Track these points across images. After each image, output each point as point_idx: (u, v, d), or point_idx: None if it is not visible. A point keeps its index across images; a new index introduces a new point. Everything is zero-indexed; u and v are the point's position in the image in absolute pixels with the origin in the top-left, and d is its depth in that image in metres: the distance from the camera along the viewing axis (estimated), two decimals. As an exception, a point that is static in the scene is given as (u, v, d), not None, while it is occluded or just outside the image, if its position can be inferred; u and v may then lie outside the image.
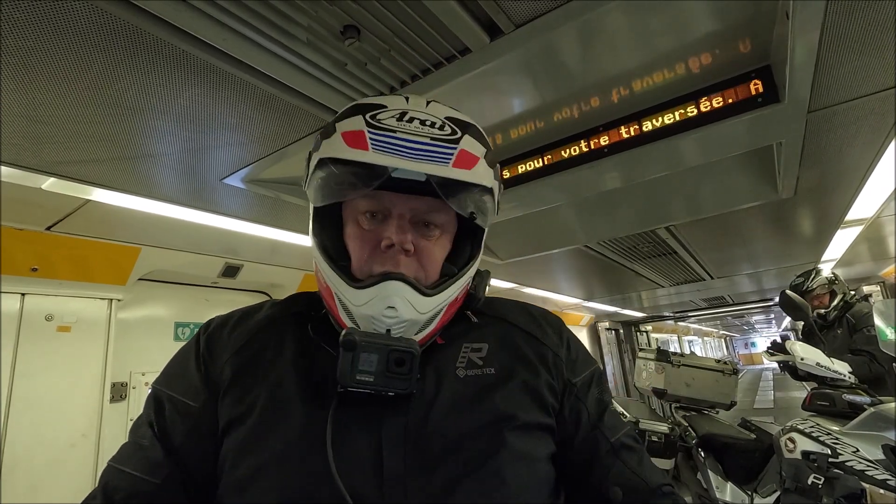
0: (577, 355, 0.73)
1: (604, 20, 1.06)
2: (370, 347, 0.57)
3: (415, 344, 0.59)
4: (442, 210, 0.63)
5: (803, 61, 1.12)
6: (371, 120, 0.59)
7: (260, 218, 2.10)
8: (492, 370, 0.65)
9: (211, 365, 0.65)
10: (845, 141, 1.66)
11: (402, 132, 0.58)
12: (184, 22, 0.93)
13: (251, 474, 0.56)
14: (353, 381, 0.57)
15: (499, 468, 0.56)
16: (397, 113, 0.60)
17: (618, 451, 0.66)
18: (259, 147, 1.49)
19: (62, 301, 2.15)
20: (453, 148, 0.59)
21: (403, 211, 0.63)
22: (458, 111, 0.67)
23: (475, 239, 0.70)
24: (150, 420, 0.63)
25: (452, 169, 0.58)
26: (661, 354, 3.36)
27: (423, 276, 0.64)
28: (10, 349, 1.97)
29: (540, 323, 0.74)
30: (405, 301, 0.59)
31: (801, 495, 2.05)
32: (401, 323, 0.60)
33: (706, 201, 2.24)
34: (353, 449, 0.56)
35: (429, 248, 0.64)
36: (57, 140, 1.34)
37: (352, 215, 0.66)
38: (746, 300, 7.42)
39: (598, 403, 0.70)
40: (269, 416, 0.58)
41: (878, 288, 5.48)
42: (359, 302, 0.60)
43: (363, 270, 0.63)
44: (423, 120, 0.60)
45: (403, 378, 0.58)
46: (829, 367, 2.23)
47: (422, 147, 0.58)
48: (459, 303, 0.69)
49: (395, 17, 0.99)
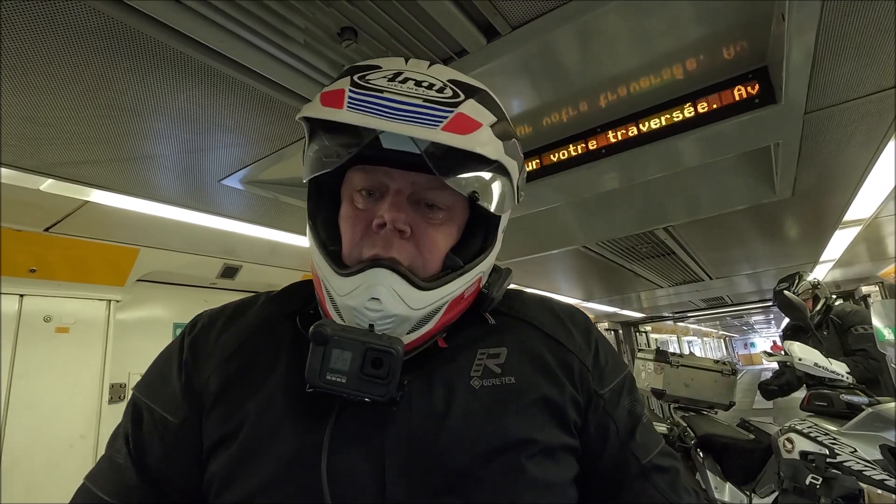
0: (607, 361, 0.63)
1: (601, 22, 1.06)
2: (343, 343, 0.50)
3: (398, 343, 0.50)
4: (447, 189, 0.54)
5: (800, 62, 1.12)
6: (359, 80, 0.52)
7: (258, 219, 2.10)
8: (511, 379, 0.56)
9: (195, 374, 0.58)
10: (843, 142, 1.67)
11: (389, 92, 0.50)
12: (181, 24, 0.93)
13: (239, 502, 0.50)
14: (323, 381, 0.49)
15: (514, 500, 0.50)
16: (391, 73, 0.53)
17: (649, 474, 0.58)
18: (257, 148, 1.49)
19: (61, 302, 2.15)
20: (449, 111, 0.49)
21: (402, 186, 0.54)
22: (471, 78, 0.58)
23: (489, 229, 0.60)
24: (126, 432, 0.57)
25: (441, 132, 0.47)
26: (659, 355, 3.36)
27: (421, 265, 0.55)
28: (9, 350, 1.97)
29: (565, 324, 0.64)
30: (392, 293, 0.51)
31: (799, 495, 2.05)
32: (386, 318, 0.51)
33: (704, 202, 2.24)
34: (352, 475, 0.50)
35: (429, 232, 0.55)
36: (55, 141, 1.34)
37: (347, 194, 0.58)
38: (745, 301, 7.42)
39: (630, 416, 0.61)
40: (260, 437, 0.52)
41: (877, 288, 5.49)
42: (343, 291, 0.52)
43: (352, 255, 0.55)
44: (420, 81, 0.52)
45: (380, 382, 0.49)
46: (826, 368, 2.24)
47: (410, 108, 0.48)
48: (467, 302, 0.60)
49: (391, 18, 0.99)
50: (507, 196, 0.57)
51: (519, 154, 0.59)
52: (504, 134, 0.55)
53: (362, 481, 0.49)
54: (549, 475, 0.53)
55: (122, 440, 0.57)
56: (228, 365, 0.57)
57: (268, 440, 0.51)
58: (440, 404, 0.53)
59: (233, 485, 0.51)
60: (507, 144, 0.54)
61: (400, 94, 0.50)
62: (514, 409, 0.54)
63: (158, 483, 0.55)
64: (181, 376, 0.58)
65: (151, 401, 0.58)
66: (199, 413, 0.56)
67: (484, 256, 0.58)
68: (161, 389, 0.58)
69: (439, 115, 0.49)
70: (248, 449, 0.52)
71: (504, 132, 0.55)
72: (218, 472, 0.52)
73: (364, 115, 0.47)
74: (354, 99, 0.49)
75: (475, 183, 0.52)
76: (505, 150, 0.54)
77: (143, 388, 0.60)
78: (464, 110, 0.50)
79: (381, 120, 0.47)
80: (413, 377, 0.55)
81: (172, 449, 0.55)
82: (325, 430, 0.51)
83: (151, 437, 0.56)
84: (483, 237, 0.60)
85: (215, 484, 0.52)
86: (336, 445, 0.50)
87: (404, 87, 0.51)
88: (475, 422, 0.53)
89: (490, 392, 0.55)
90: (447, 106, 0.50)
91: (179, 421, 0.56)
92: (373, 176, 0.55)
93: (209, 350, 0.59)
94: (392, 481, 0.49)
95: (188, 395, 0.57)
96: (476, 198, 0.53)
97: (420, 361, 0.57)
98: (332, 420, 0.51)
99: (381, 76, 0.52)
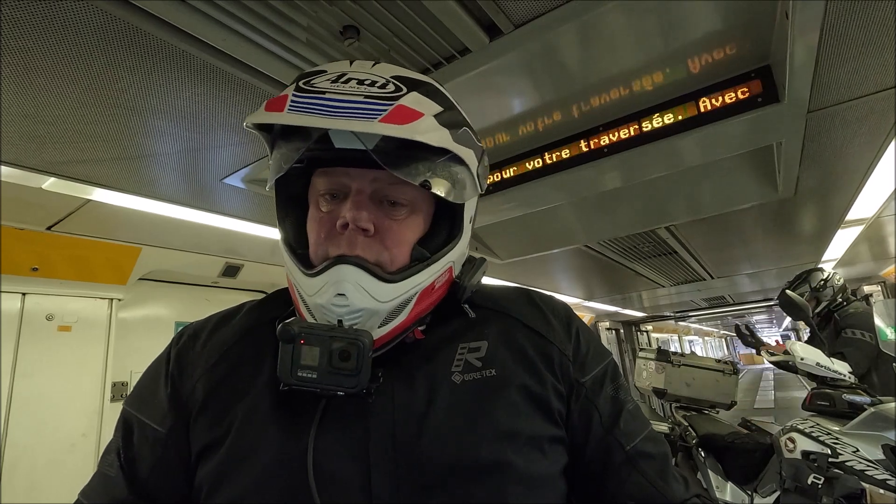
0: (587, 349, 0.63)
1: (603, 20, 1.06)
2: (310, 339, 0.51)
3: (364, 335, 0.51)
4: (407, 184, 0.55)
5: (803, 61, 1.12)
6: (303, 84, 0.53)
7: (260, 218, 2.11)
8: (492, 371, 0.56)
9: (180, 384, 0.59)
10: (845, 141, 1.66)
11: (332, 93, 0.51)
12: (184, 22, 0.93)
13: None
14: (294, 378, 0.50)
15: (502, 496, 0.50)
16: (335, 75, 0.54)
17: (634, 461, 0.58)
18: (259, 147, 1.49)
19: (63, 301, 2.15)
20: (388, 104, 0.50)
21: (362, 186, 0.56)
22: (417, 73, 0.60)
23: (455, 219, 0.61)
24: (117, 446, 0.58)
25: (378, 124, 0.48)
26: (661, 354, 3.35)
27: (388, 260, 0.55)
28: (11, 349, 1.98)
29: (544, 314, 0.64)
30: (358, 287, 0.52)
31: (800, 495, 2.05)
32: (354, 313, 0.52)
33: (706, 201, 2.24)
34: (338, 475, 0.50)
35: (393, 227, 0.56)
36: (57, 140, 1.34)
37: (313, 198, 0.59)
38: (747, 300, 7.42)
39: (612, 403, 0.61)
40: (247, 441, 0.53)
41: (879, 288, 5.47)
42: (311, 291, 0.54)
43: (318, 255, 0.56)
44: (363, 80, 0.53)
45: (350, 374, 0.50)
46: (828, 367, 2.24)
47: (349, 105, 0.49)
48: (440, 293, 0.60)
49: (394, 17, 0.99)
50: (465, 184, 0.58)
51: (474, 142, 0.60)
52: (452, 123, 0.55)
53: (348, 481, 0.50)
54: (536, 469, 0.53)
55: (114, 454, 0.58)
56: (213, 372, 0.58)
57: (254, 444, 0.52)
58: (422, 401, 0.54)
59: (221, 489, 0.52)
60: (456, 133, 0.55)
61: (341, 94, 0.51)
62: (497, 403, 0.55)
63: (148, 493, 0.56)
64: (168, 387, 0.59)
65: (140, 413, 0.59)
66: (186, 421, 0.57)
67: (451, 246, 0.59)
68: (149, 401, 0.60)
69: (378, 108, 0.49)
70: (236, 453, 0.52)
71: (452, 121, 0.56)
72: (206, 478, 0.53)
73: (302, 115, 0.48)
74: (296, 102, 0.50)
75: (425, 172, 0.53)
76: (454, 138, 0.54)
77: (133, 401, 0.62)
78: (405, 102, 0.51)
79: (318, 118, 0.48)
80: (393, 373, 0.56)
81: (161, 459, 0.56)
82: (310, 431, 0.51)
83: (141, 449, 0.57)
84: (449, 227, 0.61)
85: (204, 489, 0.53)
86: (322, 445, 0.51)
87: (346, 87, 0.52)
88: (457, 418, 0.53)
89: (471, 387, 0.55)
90: (387, 100, 0.51)
91: (167, 430, 0.57)
92: (334, 178, 0.57)
93: (194, 360, 0.60)
94: (377, 480, 0.50)
95: (175, 405, 0.58)
96: (428, 185, 0.53)
97: (399, 357, 0.57)
98: (316, 421, 0.52)
99: (324, 79, 0.54)
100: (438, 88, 0.59)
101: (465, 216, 0.62)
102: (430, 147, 0.51)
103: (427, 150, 0.52)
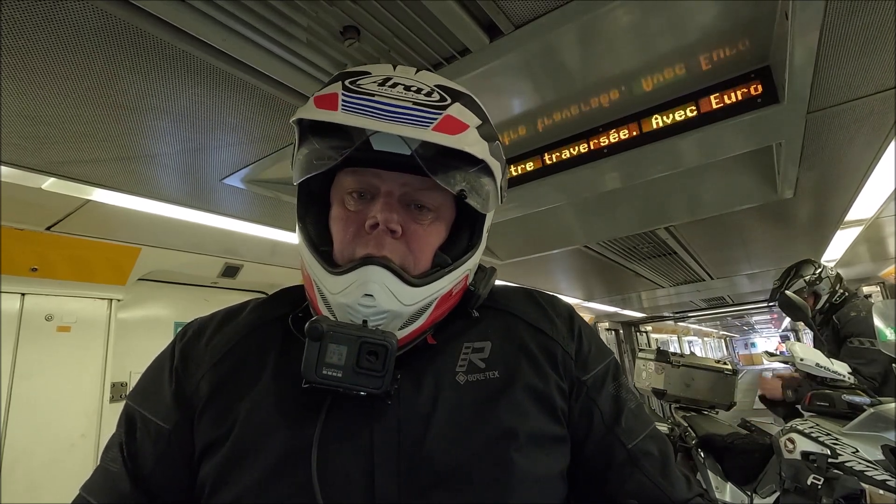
0: (590, 348, 0.64)
1: (603, 21, 1.06)
2: (339, 338, 0.51)
3: (391, 337, 0.52)
4: (436, 190, 0.56)
5: (803, 62, 1.12)
6: (350, 84, 0.54)
7: (260, 218, 2.10)
8: (496, 373, 0.57)
9: (185, 380, 0.59)
10: (845, 141, 1.66)
11: (381, 96, 0.52)
12: (184, 23, 0.93)
13: (231, 503, 0.51)
14: (319, 376, 0.50)
15: (505, 495, 0.50)
16: (380, 79, 0.55)
17: (636, 459, 0.58)
18: (259, 147, 1.49)
19: (62, 301, 2.15)
20: (438, 113, 0.52)
21: (392, 188, 0.56)
22: (456, 83, 0.61)
23: (475, 228, 0.62)
24: (120, 441, 0.58)
25: (432, 132, 0.50)
26: (660, 355, 3.36)
27: (412, 264, 0.56)
28: (10, 349, 1.97)
29: (547, 313, 0.65)
30: (385, 289, 0.52)
31: (800, 496, 2.05)
32: (379, 314, 0.53)
33: (706, 202, 2.24)
34: (342, 473, 0.50)
35: (419, 231, 0.57)
36: (57, 140, 1.34)
37: (338, 196, 0.60)
38: (746, 301, 7.41)
39: (614, 402, 0.61)
40: (251, 438, 0.53)
41: (878, 288, 5.47)
42: (336, 290, 0.54)
43: (344, 254, 0.56)
44: (409, 86, 0.55)
45: (375, 375, 0.50)
46: (828, 368, 2.23)
47: (401, 110, 0.51)
48: (455, 299, 0.62)
49: (394, 17, 0.99)
50: (491, 195, 0.59)
51: (502, 156, 0.62)
52: (489, 136, 0.57)
53: (352, 479, 0.50)
54: (537, 468, 0.53)
55: (117, 449, 0.58)
56: (218, 369, 0.58)
57: (259, 440, 0.52)
58: (427, 401, 0.54)
59: (225, 486, 0.52)
60: (491, 146, 0.57)
61: (390, 98, 0.52)
62: (500, 403, 0.55)
63: (151, 489, 0.56)
64: (172, 383, 0.59)
65: (144, 408, 0.59)
66: (190, 417, 0.57)
67: (471, 254, 0.61)
68: (153, 397, 0.59)
69: (429, 116, 0.51)
70: (240, 450, 0.52)
71: (489, 134, 0.58)
72: (210, 474, 0.53)
73: (359, 116, 0.49)
74: (348, 101, 0.51)
75: (463, 181, 0.54)
76: (490, 152, 0.56)
77: (136, 396, 0.61)
78: (451, 112, 0.53)
79: (374, 121, 0.49)
80: (403, 374, 0.56)
81: (165, 454, 0.56)
82: (315, 428, 0.51)
83: (144, 444, 0.57)
84: (469, 236, 0.62)
85: (207, 486, 0.53)
86: (326, 444, 0.51)
87: (394, 91, 0.53)
88: (460, 419, 0.54)
89: (474, 388, 0.56)
90: (436, 108, 0.53)
91: (171, 426, 0.57)
92: (363, 178, 0.57)
93: (199, 356, 0.60)
94: (381, 479, 0.50)
95: (179, 401, 0.58)
96: (464, 196, 0.55)
97: (409, 358, 0.58)
98: (321, 418, 0.52)
99: (371, 81, 0.55)
100: (475, 100, 0.61)
101: (485, 226, 0.63)
102: (469, 157, 0.53)
103: (465, 159, 0.53)
